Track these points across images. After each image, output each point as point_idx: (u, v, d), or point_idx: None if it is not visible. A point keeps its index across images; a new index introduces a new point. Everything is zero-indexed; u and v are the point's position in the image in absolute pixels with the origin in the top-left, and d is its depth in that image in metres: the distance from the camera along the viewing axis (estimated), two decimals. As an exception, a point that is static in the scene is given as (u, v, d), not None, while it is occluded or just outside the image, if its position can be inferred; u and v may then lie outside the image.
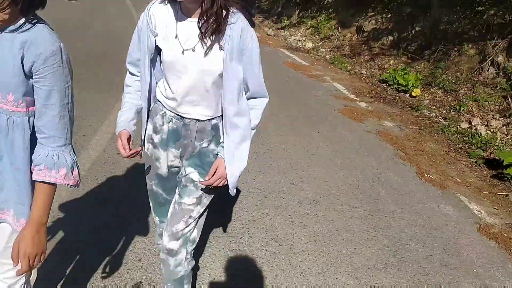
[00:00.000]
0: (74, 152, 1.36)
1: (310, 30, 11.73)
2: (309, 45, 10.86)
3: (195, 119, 1.68)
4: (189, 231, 1.77)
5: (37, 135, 1.29)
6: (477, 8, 7.96)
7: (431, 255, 3.06)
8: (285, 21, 12.80)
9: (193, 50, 1.55)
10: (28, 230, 1.27)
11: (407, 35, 9.32)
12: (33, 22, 1.20)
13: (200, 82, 1.60)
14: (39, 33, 1.20)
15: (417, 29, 9.10)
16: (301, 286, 2.56)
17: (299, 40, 11.31)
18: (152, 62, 1.68)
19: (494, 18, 7.60)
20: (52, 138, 1.28)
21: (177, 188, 1.82)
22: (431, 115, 6.51)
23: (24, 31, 1.18)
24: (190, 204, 1.74)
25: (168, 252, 1.78)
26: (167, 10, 1.58)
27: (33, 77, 1.22)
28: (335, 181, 3.96)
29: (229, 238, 2.90)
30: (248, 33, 1.55)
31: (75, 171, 1.34)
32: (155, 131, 1.75)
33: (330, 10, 11.80)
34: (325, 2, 12.20)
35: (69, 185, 1.33)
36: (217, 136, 1.73)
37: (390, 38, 9.62)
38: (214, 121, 1.71)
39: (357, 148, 4.82)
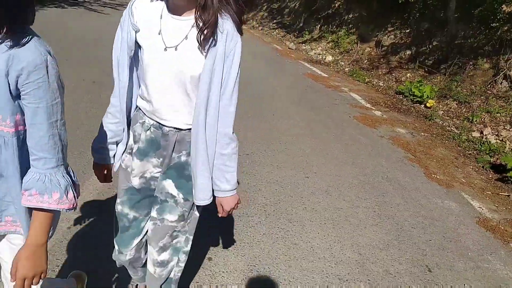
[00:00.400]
0: (68, 173, 1.29)
1: (330, 44, 12.14)
2: (329, 58, 11.26)
3: (174, 128, 1.59)
4: (178, 242, 1.73)
5: (30, 157, 1.23)
6: (491, 24, 8.24)
7: (430, 240, 3.37)
8: (306, 35, 13.24)
9: (176, 49, 1.47)
10: (24, 253, 1.24)
11: (424, 50, 9.64)
12: (17, 35, 1.12)
13: (180, 84, 1.51)
14: (25, 46, 1.12)
15: (434, 43, 9.43)
16: (310, 257, 2.91)
17: (320, 54, 11.72)
18: (134, 63, 1.60)
19: (507, 34, 7.87)
20: (43, 160, 1.21)
21: (154, 205, 1.73)
22: (444, 124, 6.81)
23: (6, 46, 1.11)
24: (173, 220, 1.68)
25: (160, 264, 1.75)
26: (152, 6, 1.51)
27: (20, 94, 1.15)
28: (346, 176, 4.30)
29: (248, 217, 3.27)
30: (233, 38, 1.48)
31: (70, 194, 1.26)
32: (134, 140, 1.67)
33: (350, 26, 12.21)
34: (346, 17, 12.61)
35: (64, 210, 1.26)
36: None
37: (408, 52, 9.95)
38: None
39: (369, 150, 5.16)
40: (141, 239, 1.81)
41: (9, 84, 1.12)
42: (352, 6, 12.59)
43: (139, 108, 1.65)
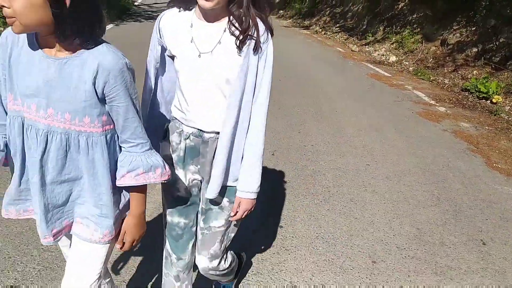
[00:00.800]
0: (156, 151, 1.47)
1: (394, 45, 12.20)
2: (393, 58, 11.34)
3: (214, 133, 1.61)
4: (225, 245, 1.81)
5: (123, 145, 1.39)
6: None
7: (487, 219, 3.56)
8: (369, 37, 13.37)
9: (211, 54, 1.52)
10: (131, 221, 1.48)
11: (491, 47, 9.51)
12: (97, 45, 1.26)
13: (216, 88, 1.55)
14: (105, 55, 1.25)
15: (501, 40, 9.28)
16: (371, 229, 3.23)
17: (383, 55, 11.82)
18: (161, 75, 1.70)
19: None
20: (140, 145, 1.38)
21: (199, 215, 1.79)
22: (510, 119, 6.78)
23: (90, 55, 1.24)
24: (220, 226, 1.73)
25: (213, 268, 1.83)
26: (180, 16, 1.57)
27: (107, 98, 1.28)
28: (407, 165, 4.55)
29: (313, 196, 3.65)
30: (265, 39, 1.53)
31: (166, 167, 1.45)
32: (172, 150, 1.71)
33: (415, 26, 12.20)
34: (410, 18, 12.62)
35: (165, 181, 1.46)
36: None
37: (475, 50, 9.84)
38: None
39: (431, 142, 5.34)
40: (195, 242, 1.87)
41: (95, 89, 1.26)
42: (416, 6, 12.58)
43: (174, 117, 1.69)
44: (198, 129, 1.62)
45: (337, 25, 16.62)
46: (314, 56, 10.89)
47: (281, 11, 23.26)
